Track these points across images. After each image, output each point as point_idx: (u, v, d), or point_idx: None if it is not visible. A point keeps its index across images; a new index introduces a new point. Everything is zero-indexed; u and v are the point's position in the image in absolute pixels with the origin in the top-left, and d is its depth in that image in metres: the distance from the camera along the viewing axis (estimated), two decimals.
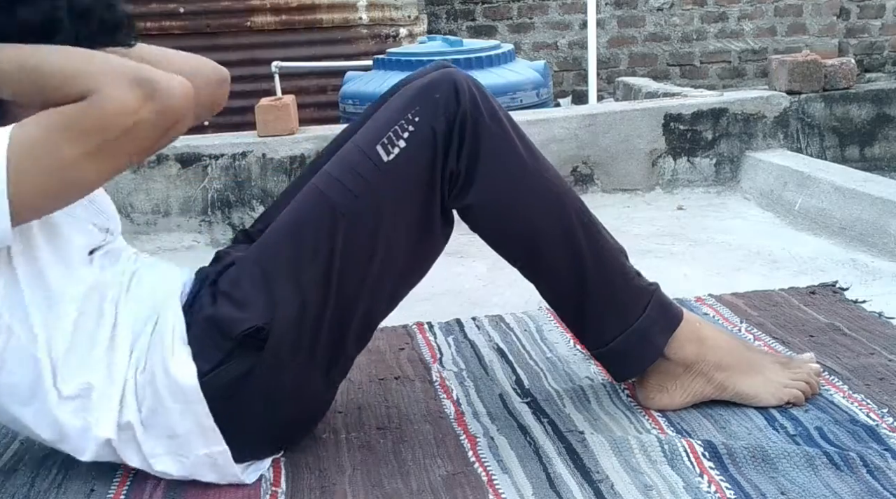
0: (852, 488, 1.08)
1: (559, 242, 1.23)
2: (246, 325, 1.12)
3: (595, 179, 2.76)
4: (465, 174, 1.18)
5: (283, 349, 1.14)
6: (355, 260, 1.15)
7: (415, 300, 1.26)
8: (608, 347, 1.27)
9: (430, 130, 1.16)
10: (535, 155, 1.23)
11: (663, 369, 1.29)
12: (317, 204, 1.16)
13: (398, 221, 1.17)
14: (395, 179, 1.15)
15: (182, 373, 1.11)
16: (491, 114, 1.19)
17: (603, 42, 5.52)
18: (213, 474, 1.17)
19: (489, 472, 1.17)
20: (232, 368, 1.13)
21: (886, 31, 5.64)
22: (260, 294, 1.14)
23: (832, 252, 2.10)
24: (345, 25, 4.74)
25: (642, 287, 1.28)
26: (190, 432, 1.14)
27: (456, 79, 1.18)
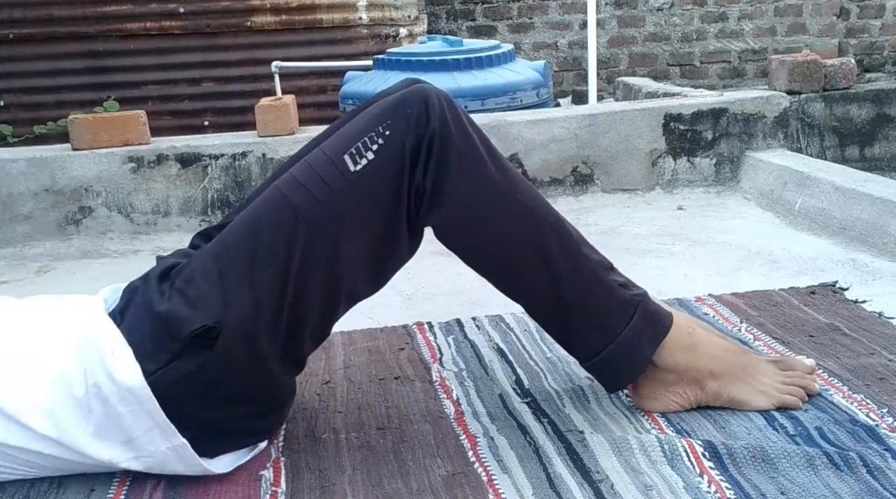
0: (852, 488, 1.08)
1: (532, 258, 1.22)
2: (195, 325, 1.11)
3: (595, 179, 2.77)
4: (431, 191, 1.18)
5: (233, 348, 1.13)
6: (314, 265, 1.14)
7: (415, 300, 1.26)
8: (595, 359, 1.27)
9: (400, 144, 1.15)
10: (506, 172, 1.22)
11: (655, 378, 1.29)
12: (278, 206, 1.15)
13: (360, 231, 1.16)
14: (361, 189, 1.15)
15: (127, 375, 1.10)
16: (461, 133, 1.18)
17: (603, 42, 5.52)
18: (182, 466, 1.17)
19: (489, 472, 1.17)
20: (180, 365, 1.12)
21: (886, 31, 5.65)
22: (213, 292, 1.13)
23: (832, 252, 2.10)
24: (345, 25, 4.75)
25: (626, 298, 1.26)
26: (148, 431, 1.13)
27: (428, 95, 1.18)
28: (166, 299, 1.14)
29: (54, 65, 4.63)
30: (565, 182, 2.76)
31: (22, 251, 2.57)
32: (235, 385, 1.16)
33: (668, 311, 1.31)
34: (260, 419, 1.24)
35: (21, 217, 2.62)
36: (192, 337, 1.11)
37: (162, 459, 1.16)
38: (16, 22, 4.58)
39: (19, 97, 4.67)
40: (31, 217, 2.62)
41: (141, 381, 1.11)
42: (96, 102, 4.51)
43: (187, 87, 4.77)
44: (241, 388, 1.17)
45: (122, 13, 4.64)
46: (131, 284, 1.24)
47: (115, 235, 2.65)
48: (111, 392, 1.11)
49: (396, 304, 1.90)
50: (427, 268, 2.01)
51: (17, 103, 4.68)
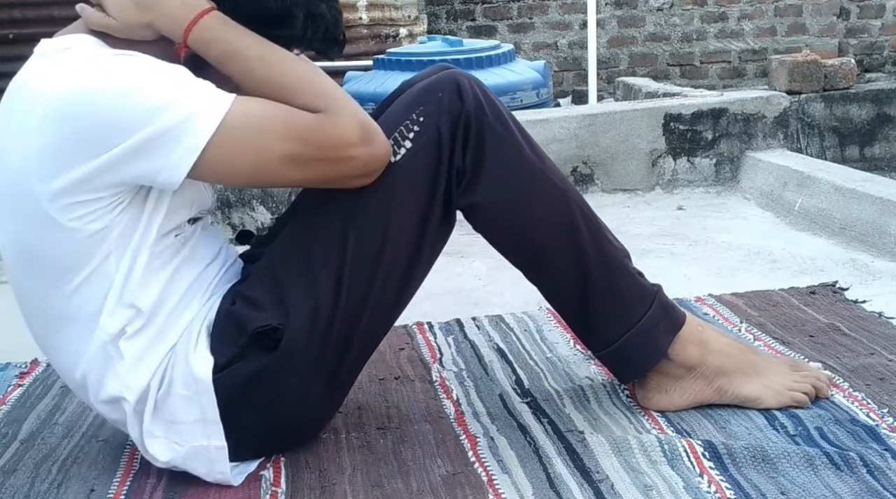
0: (852, 488, 1.08)
1: (564, 240, 1.23)
2: (262, 322, 1.13)
3: (595, 179, 2.76)
4: (471, 172, 1.19)
5: (294, 352, 1.14)
6: (364, 264, 1.16)
7: (415, 300, 1.27)
8: (612, 347, 1.27)
9: (436, 129, 1.16)
10: (540, 155, 1.24)
11: (665, 371, 1.29)
12: (327, 209, 1.17)
13: (404, 221, 1.17)
14: (402, 179, 1.16)
15: (199, 364, 1.13)
16: (495, 114, 1.20)
17: (603, 42, 5.52)
18: (204, 468, 1.17)
19: (489, 472, 1.17)
20: (245, 366, 1.14)
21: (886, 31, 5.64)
22: (274, 299, 1.15)
23: (832, 252, 2.10)
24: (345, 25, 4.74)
25: (645, 287, 1.28)
26: (192, 422, 1.14)
27: (459, 79, 1.19)
28: (234, 304, 1.17)
29: None
30: None
31: None
32: (287, 393, 1.17)
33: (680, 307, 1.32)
34: (291, 434, 1.25)
35: None
36: (257, 335, 1.13)
37: (190, 454, 1.16)
38: (16, 22, 4.57)
39: None
40: None
41: (209, 372, 1.13)
42: None
43: None
44: (291, 398, 1.17)
45: None
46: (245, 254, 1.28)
47: None
48: (180, 371, 1.13)
49: None
50: None
51: None
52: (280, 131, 1.06)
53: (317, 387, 1.19)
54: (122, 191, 1.07)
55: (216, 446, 1.15)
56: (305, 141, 1.07)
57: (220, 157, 1.04)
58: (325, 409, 1.27)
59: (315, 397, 1.21)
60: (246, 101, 1.06)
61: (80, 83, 1.03)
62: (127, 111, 1.02)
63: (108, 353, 1.12)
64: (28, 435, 1.37)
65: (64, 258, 1.08)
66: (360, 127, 1.08)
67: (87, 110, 1.02)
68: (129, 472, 1.23)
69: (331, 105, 1.08)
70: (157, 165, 1.03)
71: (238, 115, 1.05)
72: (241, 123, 1.05)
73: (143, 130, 1.01)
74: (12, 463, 1.28)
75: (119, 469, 1.24)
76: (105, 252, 1.09)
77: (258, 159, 1.06)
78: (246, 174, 1.10)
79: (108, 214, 1.07)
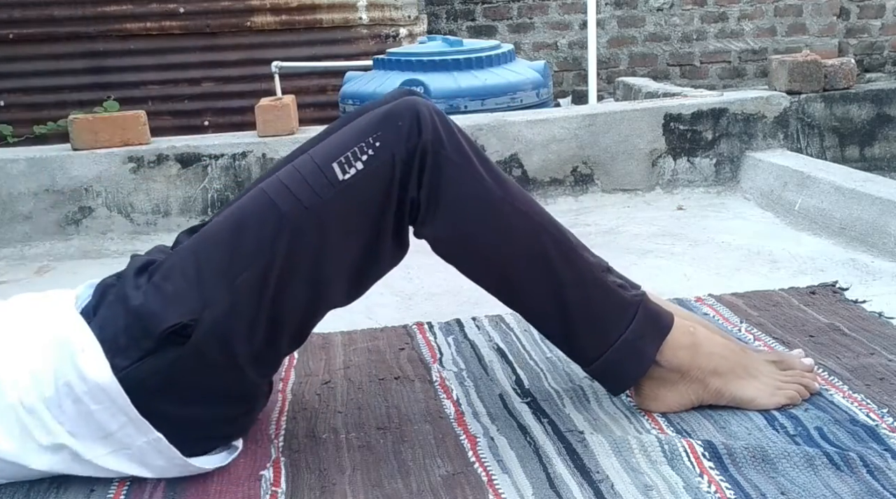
0: (852, 488, 1.08)
1: (534, 268, 1.22)
2: (170, 321, 1.11)
3: (595, 179, 2.77)
4: (426, 203, 1.18)
5: (207, 347, 1.13)
6: (294, 271, 1.14)
7: (415, 300, 1.27)
8: (597, 363, 1.27)
9: (391, 156, 1.15)
10: (502, 182, 1.22)
11: (657, 377, 1.29)
12: (263, 209, 1.15)
13: (344, 240, 1.16)
14: (348, 198, 1.15)
15: (97, 373, 1.11)
16: (454, 145, 1.18)
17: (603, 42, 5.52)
18: (162, 460, 1.17)
19: (489, 472, 1.17)
20: (152, 361, 1.12)
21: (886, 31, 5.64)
22: (190, 289, 1.13)
23: (832, 252, 2.10)
24: (345, 25, 4.74)
25: (626, 300, 1.26)
26: (123, 426, 1.14)
27: (419, 108, 1.18)
28: (141, 294, 1.14)
29: (54, 65, 4.63)
30: (565, 182, 2.76)
31: (22, 251, 2.57)
32: (207, 383, 1.16)
33: (669, 311, 1.31)
34: (230, 420, 1.24)
35: (21, 217, 2.62)
36: (166, 334, 1.11)
37: (140, 452, 1.16)
38: (16, 22, 4.58)
39: (19, 97, 4.67)
40: (31, 217, 2.63)
41: (111, 378, 1.11)
42: (96, 102, 4.51)
43: (187, 87, 4.77)
44: (212, 387, 1.17)
45: (122, 13, 4.64)
46: (104, 281, 1.24)
47: (115, 235, 2.65)
48: (82, 391, 1.11)
49: (396, 304, 1.90)
50: (427, 268, 2.01)
51: (17, 103, 4.67)
52: None
53: (240, 377, 1.18)
54: None
55: (154, 438, 1.14)
56: None
57: None
58: (258, 390, 1.26)
59: (242, 386, 1.20)
60: None
61: None
62: None
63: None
64: None
65: None
66: None
67: None
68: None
69: None
70: None
71: None
72: None
73: None
74: None
75: None
76: None
77: None
78: None
79: None
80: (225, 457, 1.23)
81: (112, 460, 1.16)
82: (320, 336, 1.70)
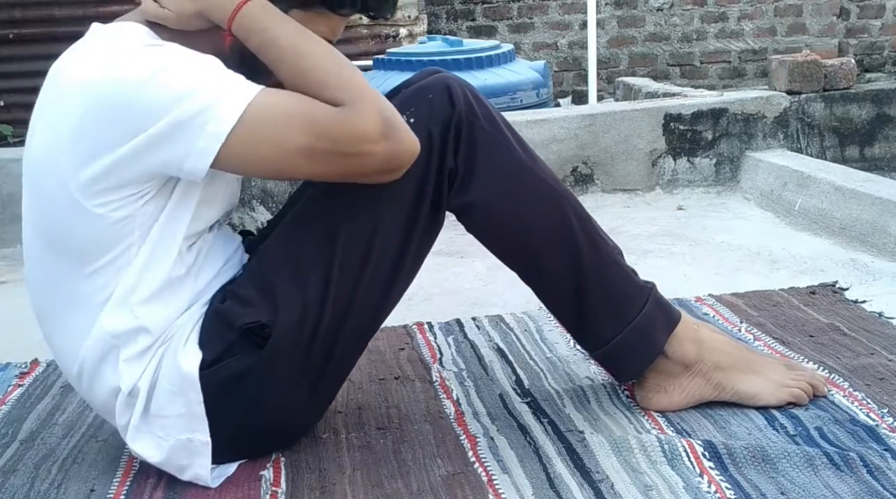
0: (852, 488, 1.08)
1: (557, 240, 1.23)
2: (251, 318, 1.14)
3: (595, 179, 2.76)
4: (463, 172, 1.20)
5: (281, 351, 1.15)
6: (352, 266, 1.16)
7: (415, 300, 1.27)
8: (608, 345, 1.27)
9: (426, 130, 1.17)
10: (532, 156, 1.25)
11: (663, 369, 1.29)
12: (316, 209, 1.18)
13: (393, 221, 1.18)
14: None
15: (186, 359, 1.13)
16: (486, 116, 1.21)
17: (603, 42, 5.52)
18: (185, 461, 1.17)
19: (489, 472, 1.17)
20: (232, 363, 1.14)
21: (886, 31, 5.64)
22: (264, 297, 1.16)
23: (832, 252, 2.10)
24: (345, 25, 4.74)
25: (640, 285, 1.28)
26: (177, 416, 1.14)
27: (449, 82, 1.20)
28: (224, 301, 1.17)
29: None
30: (565, 182, 2.75)
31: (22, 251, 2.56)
32: (271, 395, 1.17)
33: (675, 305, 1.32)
34: (277, 437, 1.25)
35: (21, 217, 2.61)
36: (245, 331, 1.13)
37: (174, 447, 1.16)
38: (16, 22, 4.58)
39: (19, 97, 4.66)
40: None
41: (195, 368, 1.13)
42: None
43: None
44: (274, 400, 1.18)
45: (122, 13, 4.63)
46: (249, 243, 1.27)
47: None
48: (168, 365, 1.13)
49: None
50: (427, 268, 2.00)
51: (17, 103, 4.67)
52: (299, 124, 1.06)
53: (301, 389, 1.19)
54: (151, 181, 1.08)
55: (201, 440, 1.15)
56: (323, 135, 1.06)
57: (242, 146, 1.05)
58: (307, 414, 1.27)
59: (298, 400, 1.21)
60: (271, 93, 1.07)
61: (109, 73, 1.05)
62: (153, 99, 1.03)
63: (107, 343, 1.13)
64: (28, 435, 1.37)
65: (87, 243, 1.11)
66: (381, 122, 1.06)
67: (115, 99, 1.04)
68: (128, 472, 1.23)
69: (354, 98, 1.06)
70: (183, 151, 1.04)
71: (261, 106, 1.05)
72: (263, 114, 1.05)
73: (168, 116, 1.03)
74: (12, 463, 1.28)
75: (119, 469, 1.24)
76: (128, 242, 1.10)
77: (278, 151, 1.07)
78: (267, 166, 1.10)
79: (134, 204, 1.08)
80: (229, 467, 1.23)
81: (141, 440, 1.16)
82: None
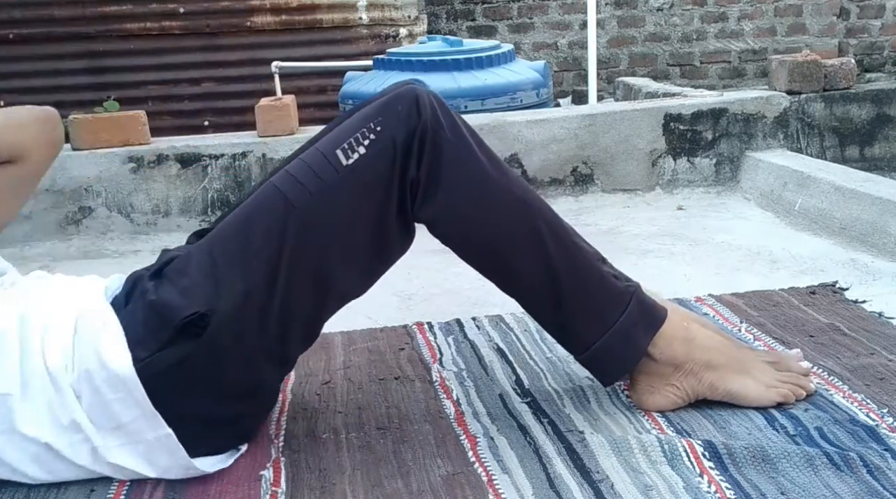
0: (852, 488, 1.08)
1: (527, 249, 1.23)
2: (187, 311, 1.13)
3: (595, 179, 2.77)
4: (425, 183, 1.20)
5: (223, 338, 1.14)
6: (304, 257, 1.16)
7: (415, 300, 1.27)
8: (590, 350, 1.27)
9: (391, 138, 1.18)
10: (498, 165, 1.24)
11: (652, 370, 1.29)
12: (271, 198, 1.18)
13: (351, 224, 1.18)
14: (353, 182, 1.17)
15: (117, 362, 1.12)
16: (452, 127, 1.21)
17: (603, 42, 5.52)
18: (168, 459, 1.17)
19: (489, 472, 1.17)
20: (169, 354, 1.14)
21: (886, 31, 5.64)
22: (206, 281, 1.15)
23: (832, 252, 2.10)
24: (345, 25, 4.75)
25: (620, 289, 1.27)
26: (136, 419, 1.14)
27: (418, 93, 1.21)
28: (157, 290, 1.16)
29: (54, 65, 4.63)
30: (565, 182, 2.76)
31: (22, 251, 2.57)
32: (221, 378, 1.17)
33: (663, 305, 1.32)
34: (240, 419, 1.24)
35: (21, 217, 2.62)
36: (182, 325, 1.13)
37: (148, 448, 1.16)
38: (16, 22, 4.58)
39: (19, 97, 4.66)
40: (31, 217, 2.63)
41: (130, 368, 1.12)
42: (96, 102, 4.49)
43: (187, 87, 4.77)
44: (225, 382, 1.18)
45: (122, 13, 4.64)
46: (134, 273, 1.26)
47: (115, 235, 2.65)
48: (101, 379, 1.13)
49: (396, 304, 1.90)
50: (427, 268, 2.01)
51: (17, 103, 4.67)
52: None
53: (255, 371, 1.19)
54: None
55: (164, 434, 1.15)
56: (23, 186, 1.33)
57: None
58: (272, 389, 1.27)
59: (256, 381, 1.21)
60: None
61: None
62: None
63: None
64: None
65: None
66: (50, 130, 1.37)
67: None
68: None
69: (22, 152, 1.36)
70: None
71: None
72: None
73: None
74: None
75: None
76: None
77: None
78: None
79: None
80: (226, 458, 1.23)
81: (118, 454, 1.16)
82: (320, 336, 1.70)
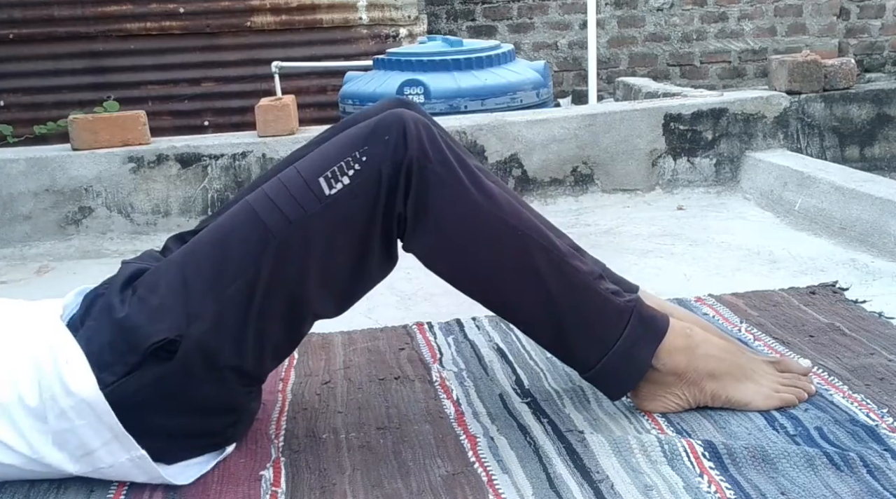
0: (852, 488, 1.08)
1: (522, 281, 1.22)
2: (156, 337, 1.10)
3: (595, 179, 2.77)
4: (412, 218, 1.17)
5: (193, 361, 1.12)
6: (280, 285, 1.14)
7: (415, 300, 1.27)
8: (593, 371, 1.27)
9: (377, 171, 1.14)
10: (489, 195, 1.20)
11: (655, 380, 1.29)
12: (249, 223, 1.14)
13: (331, 255, 1.15)
14: (334, 213, 1.14)
15: (83, 388, 1.09)
16: (439, 158, 1.17)
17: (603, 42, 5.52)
18: (143, 476, 1.16)
19: (489, 472, 1.17)
20: (139, 376, 1.11)
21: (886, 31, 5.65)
22: (176, 303, 1.12)
23: (832, 252, 2.10)
24: (345, 25, 4.75)
25: (620, 307, 1.25)
26: (107, 443, 1.12)
27: (406, 122, 1.16)
28: (126, 307, 1.13)
29: (54, 65, 4.63)
30: (565, 182, 2.76)
31: (22, 251, 2.57)
32: (194, 397, 1.15)
33: (664, 313, 1.31)
34: (218, 431, 1.23)
35: (21, 217, 2.62)
36: (152, 350, 1.10)
37: (122, 470, 1.15)
38: (16, 22, 4.58)
39: (19, 97, 4.67)
40: (31, 217, 2.63)
41: (97, 393, 1.09)
42: (96, 102, 4.51)
43: (187, 87, 4.77)
44: (199, 400, 1.16)
45: (122, 13, 4.64)
46: (94, 290, 1.23)
47: (115, 235, 2.65)
48: (68, 405, 1.10)
49: (396, 304, 1.90)
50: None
51: (17, 103, 4.68)
52: None
53: (227, 389, 1.17)
54: None
55: (137, 456, 1.13)
56: None
57: None
58: (245, 398, 1.24)
59: (228, 398, 1.19)
60: None
61: None
62: None
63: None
64: None
65: None
66: None
67: None
68: None
69: None
70: None
71: None
72: None
73: None
74: None
75: None
76: None
77: None
78: None
79: None
80: (208, 461, 1.22)
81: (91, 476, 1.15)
82: (320, 336, 1.70)
